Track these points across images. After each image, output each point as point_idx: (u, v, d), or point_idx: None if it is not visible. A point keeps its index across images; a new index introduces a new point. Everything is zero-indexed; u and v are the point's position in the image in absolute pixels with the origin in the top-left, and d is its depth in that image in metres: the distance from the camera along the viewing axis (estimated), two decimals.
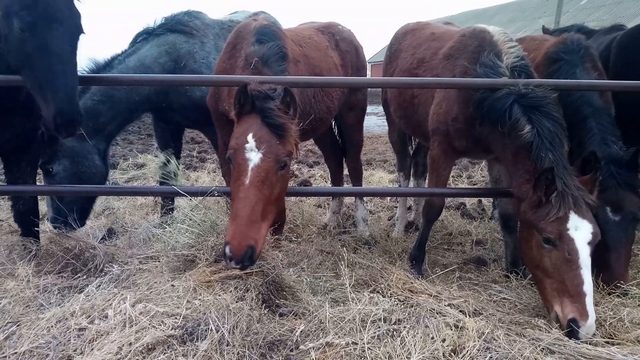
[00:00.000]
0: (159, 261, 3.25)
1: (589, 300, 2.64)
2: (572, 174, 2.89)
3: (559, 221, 2.74)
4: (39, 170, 4.05)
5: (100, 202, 5.51)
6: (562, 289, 2.72)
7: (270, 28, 3.60)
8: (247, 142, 2.77)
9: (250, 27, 3.63)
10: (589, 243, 2.74)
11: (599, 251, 2.91)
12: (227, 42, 3.82)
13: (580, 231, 2.73)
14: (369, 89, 6.01)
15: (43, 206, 5.35)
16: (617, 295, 3.02)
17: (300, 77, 3.70)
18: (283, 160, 2.83)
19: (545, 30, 6.31)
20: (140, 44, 4.59)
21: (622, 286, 3.05)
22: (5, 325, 2.49)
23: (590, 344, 2.53)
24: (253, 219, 2.65)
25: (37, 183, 4.22)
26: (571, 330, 2.61)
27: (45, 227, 4.48)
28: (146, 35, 4.64)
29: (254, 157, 2.76)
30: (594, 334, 2.63)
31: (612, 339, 2.67)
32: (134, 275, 3.10)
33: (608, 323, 2.76)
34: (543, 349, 2.43)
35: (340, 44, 4.78)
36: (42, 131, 3.60)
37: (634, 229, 3.18)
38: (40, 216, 4.96)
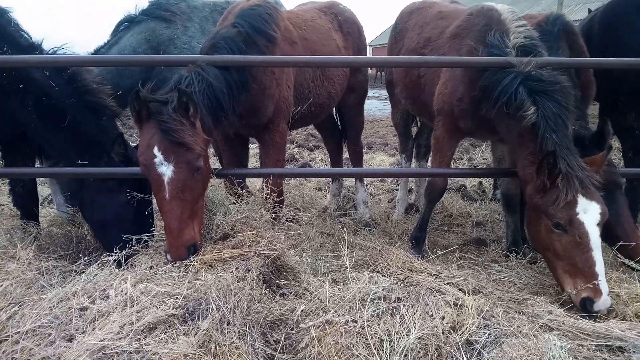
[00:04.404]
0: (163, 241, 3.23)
1: (602, 279, 2.66)
2: (575, 154, 2.87)
3: (567, 206, 2.73)
4: None
5: None
6: (574, 271, 2.75)
7: (256, 10, 3.49)
8: (156, 157, 2.72)
9: (236, 9, 3.54)
10: (598, 224, 2.75)
11: (608, 227, 2.94)
12: (218, 23, 3.77)
13: (589, 214, 2.74)
14: (369, 71, 5.92)
15: (43, 190, 5.36)
16: (633, 269, 3.06)
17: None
18: (197, 165, 2.81)
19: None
20: (122, 32, 4.45)
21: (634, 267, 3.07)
22: (8, 306, 2.50)
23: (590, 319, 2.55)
24: (184, 226, 2.77)
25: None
26: (585, 307, 2.64)
27: (46, 211, 4.49)
28: (128, 23, 4.52)
29: (166, 171, 2.73)
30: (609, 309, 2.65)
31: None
32: (137, 255, 3.10)
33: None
34: (542, 325, 2.44)
35: (343, 25, 4.70)
36: None
37: (622, 194, 3.30)
38: (40, 200, 4.98)
